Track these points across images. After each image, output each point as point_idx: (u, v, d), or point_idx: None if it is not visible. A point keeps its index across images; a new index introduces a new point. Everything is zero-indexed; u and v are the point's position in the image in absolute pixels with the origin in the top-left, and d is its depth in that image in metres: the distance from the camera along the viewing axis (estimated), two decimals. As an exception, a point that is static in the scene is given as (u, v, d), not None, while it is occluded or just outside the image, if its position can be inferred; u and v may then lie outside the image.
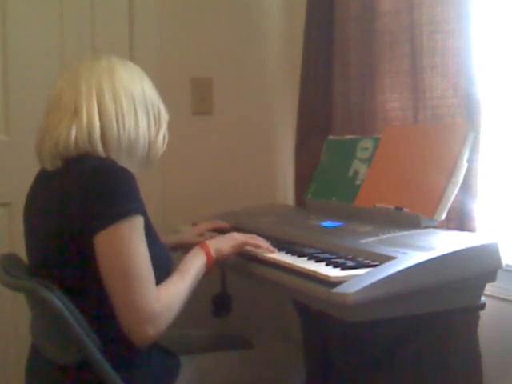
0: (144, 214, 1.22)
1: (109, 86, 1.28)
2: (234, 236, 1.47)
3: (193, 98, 2.20)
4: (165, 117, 1.39)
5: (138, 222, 1.19)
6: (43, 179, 1.32)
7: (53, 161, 1.27)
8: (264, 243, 1.45)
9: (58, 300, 1.15)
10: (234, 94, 2.27)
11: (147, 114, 1.33)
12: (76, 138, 1.24)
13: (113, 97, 1.28)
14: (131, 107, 1.30)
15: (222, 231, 1.70)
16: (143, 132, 1.32)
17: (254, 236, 1.49)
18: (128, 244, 1.16)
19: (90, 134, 1.25)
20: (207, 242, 1.42)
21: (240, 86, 2.27)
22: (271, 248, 1.45)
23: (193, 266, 1.33)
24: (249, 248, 1.46)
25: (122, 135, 1.28)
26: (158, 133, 1.36)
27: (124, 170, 1.22)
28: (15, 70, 1.93)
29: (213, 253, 1.38)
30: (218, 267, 1.41)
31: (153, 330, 1.18)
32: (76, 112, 1.26)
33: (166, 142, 1.40)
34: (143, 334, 1.18)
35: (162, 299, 1.20)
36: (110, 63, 1.32)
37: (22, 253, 1.35)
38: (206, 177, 2.23)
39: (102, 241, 1.16)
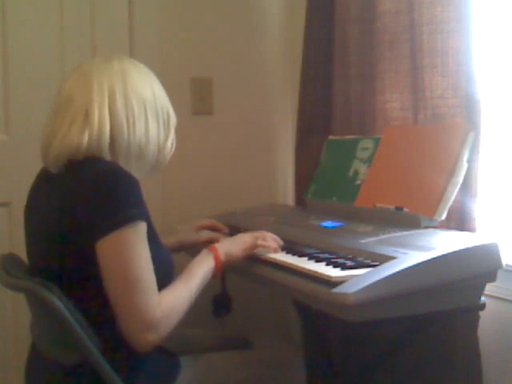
0: (147, 219, 1.21)
1: (121, 91, 1.27)
2: (244, 239, 1.44)
3: (193, 98, 2.20)
4: (173, 121, 1.38)
5: (141, 227, 1.18)
6: (45, 180, 1.31)
7: (58, 163, 1.26)
8: (273, 243, 1.45)
9: (58, 300, 1.15)
10: (234, 94, 2.27)
11: (157, 119, 1.32)
12: (87, 142, 1.23)
13: (124, 102, 1.27)
14: (142, 113, 1.29)
15: (218, 230, 1.71)
16: (153, 138, 1.31)
17: (263, 233, 1.47)
18: (130, 250, 1.16)
19: (101, 139, 1.24)
20: (217, 244, 1.40)
21: (240, 86, 2.27)
22: (279, 245, 1.45)
23: (199, 271, 1.32)
24: (259, 250, 1.45)
25: (133, 141, 1.27)
26: (167, 138, 1.35)
27: (128, 175, 1.21)
28: (15, 70, 1.93)
29: (222, 256, 1.37)
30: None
31: (153, 336, 1.17)
32: (87, 116, 1.24)
33: (173, 148, 1.38)
34: (143, 340, 1.17)
35: (164, 305, 1.19)
36: (122, 66, 1.30)
37: (22, 253, 1.35)
38: (206, 177, 2.23)
39: (105, 246, 1.15)
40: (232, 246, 1.42)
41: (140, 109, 1.28)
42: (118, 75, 1.29)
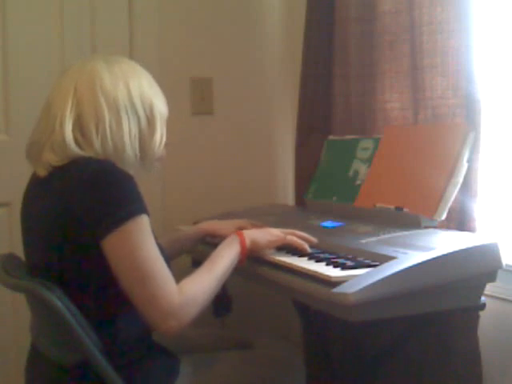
0: (148, 212, 1.21)
1: (89, 97, 1.25)
2: (273, 231, 1.45)
3: (193, 98, 2.20)
4: (161, 115, 1.34)
5: (145, 220, 1.19)
6: (38, 184, 1.30)
7: (45, 168, 1.26)
8: (302, 245, 1.42)
9: (58, 300, 1.15)
10: (234, 94, 2.27)
11: (136, 116, 1.29)
12: (53, 149, 1.24)
13: (93, 104, 1.25)
14: (113, 112, 1.26)
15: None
16: (130, 135, 1.28)
17: (293, 232, 1.46)
18: (137, 243, 1.16)
19: (65, 143, 1.23)
20: (244, 231, 1.40)
21: (240, 86, 2.27)
22: (308, 245, 1.43)
23: (224, 257, 1.32)
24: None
25: (105, 141, 1.25)
26: (153, 133, 1.32)
27: (123, 172, 1.21)
28: (15, 69, 1.93)
29: (248, 243, 1.37)
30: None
31: (175, 322, 1.17)
32: (55, 123, 1.25)
33: (163, 141, 1.35)
34: (167, 328, 1.17)
35: (183, 292, 1.19)
36: (94, 68, 1.28)
37: (21, 253, 1.35)
38: (206, 177, 2.23)
39: (111, 243, 1.16)
40: (259, 235, 1.41)
41: (110, 108, 1.26)
42: (87, 77, 1.27)
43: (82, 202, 1.17)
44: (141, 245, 1.17)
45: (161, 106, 1.35)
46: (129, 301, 1.20)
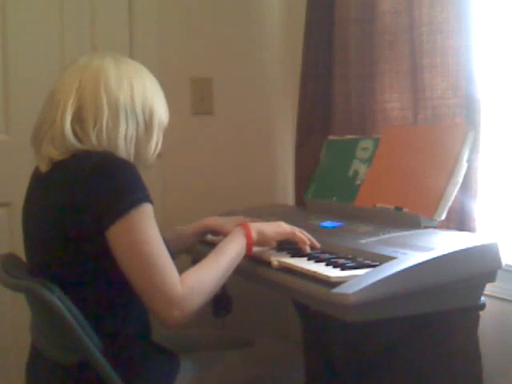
0: (151, 200, 1.21)
1: (92, 92, 1.25)
2: (281, 224, 1.45)
3: (193, 98, 2.20)
4: (160, 122, 1.34)
5: (148, 208, 1.19)
6: (40, 180, 1.30)
7: (46, 163, 1.26)
8: (304, 246, 1.41)
9: (58, 300, 1.15)
10: (234, 94, 2.27)
11: (135, 120, 1.28)
12: (53, 142, 1.24)
13: (94, 102, 1.25)
14: (113, 113, 1.26)
15: None
16: (124, 140, 1.27)
17: (303, 231, 1.45)
18: (140, 233, 1.16)
19: (65, 139, 1.23)
20: (250, 223, 1.40)
21: (240, 86, 2.28)
22: (316, 244, 1.43)
23: (229, 249, 1.32)
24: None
25: (101, 140, 1.25)
26: (149, 139, 1.32)
27: (124, 161, 1.21)
28: (15, 69, 1.93)
29: (254, 234, 1.37)
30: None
31: (178, 312, 1.17)
32: (57, 112, 1.25)
33: (158, 149, 1.35)
34: (170, 318, 1.17)
35: (187, 282, 1.19)
36: (100, 66, 1.28)
37: (21, 253, 1.35)
38: (206, 177, 2.23)
39: (115, 233, 1.16)
40: (265, 226, 1.41)
41: (110, 107, 1.26)
42: (93, 74, 1.27)
43: (84, 194, 1.17)
44: (144, 234, 1.17)
45: (161, 113, 1.34)
46: (128, 299, 1.21)
